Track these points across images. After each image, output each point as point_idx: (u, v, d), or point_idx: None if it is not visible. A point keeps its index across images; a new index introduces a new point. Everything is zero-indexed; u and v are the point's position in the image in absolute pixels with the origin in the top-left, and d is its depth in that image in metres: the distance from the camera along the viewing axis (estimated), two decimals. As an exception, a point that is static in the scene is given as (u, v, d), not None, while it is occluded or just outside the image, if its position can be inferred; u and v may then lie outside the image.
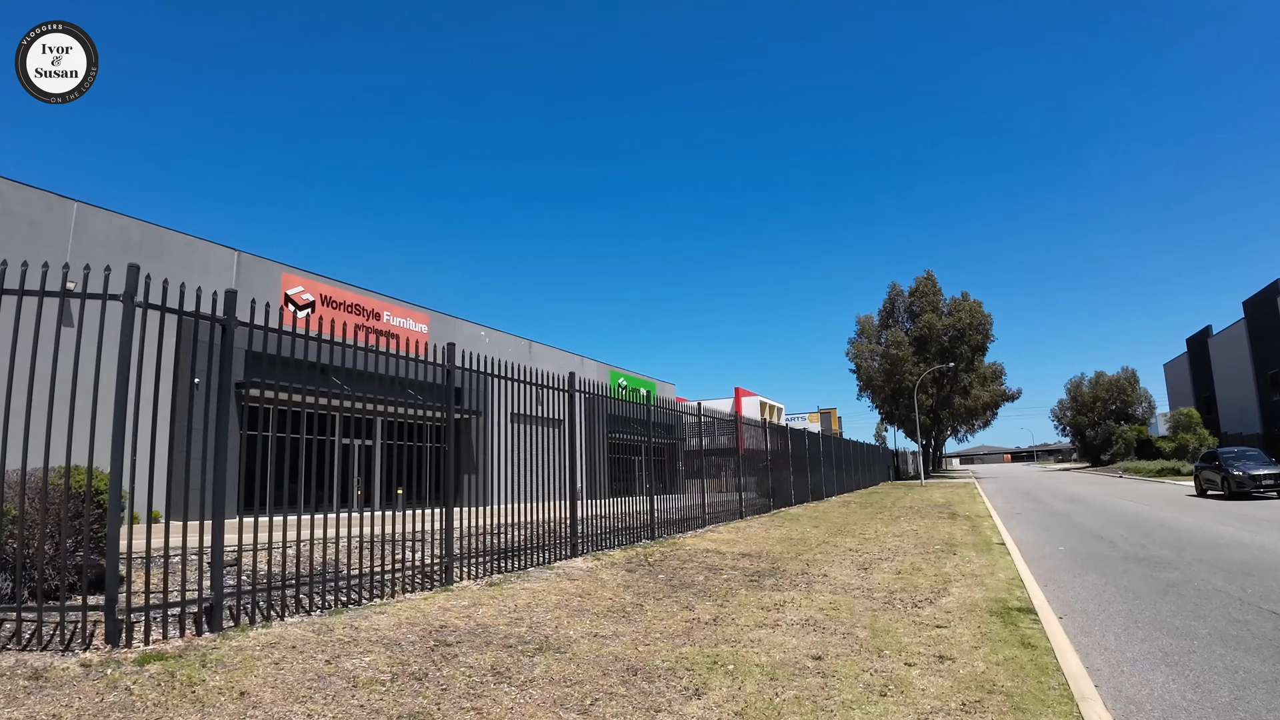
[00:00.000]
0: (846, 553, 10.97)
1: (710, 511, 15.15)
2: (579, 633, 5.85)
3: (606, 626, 6.08)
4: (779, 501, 20.87)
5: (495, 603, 6.75)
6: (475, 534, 8.85)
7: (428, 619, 6.06)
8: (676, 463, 17.39)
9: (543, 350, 38.33)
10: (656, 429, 21.55)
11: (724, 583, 8.18)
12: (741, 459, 21.24)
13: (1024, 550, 11.74)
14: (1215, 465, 23.45)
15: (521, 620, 6.19)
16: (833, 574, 8.93)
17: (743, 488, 17.32)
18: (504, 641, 5.51)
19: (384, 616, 6.07)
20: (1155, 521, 15.69)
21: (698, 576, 8.53)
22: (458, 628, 5.85)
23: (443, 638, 5.54)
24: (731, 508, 16.20)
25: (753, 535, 12.93)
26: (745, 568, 9.32)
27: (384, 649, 5.16)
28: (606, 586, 7.74)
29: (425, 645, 5.32)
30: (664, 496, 14.01)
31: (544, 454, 9.85)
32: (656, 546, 10.84)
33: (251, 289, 24.31)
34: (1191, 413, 49.76)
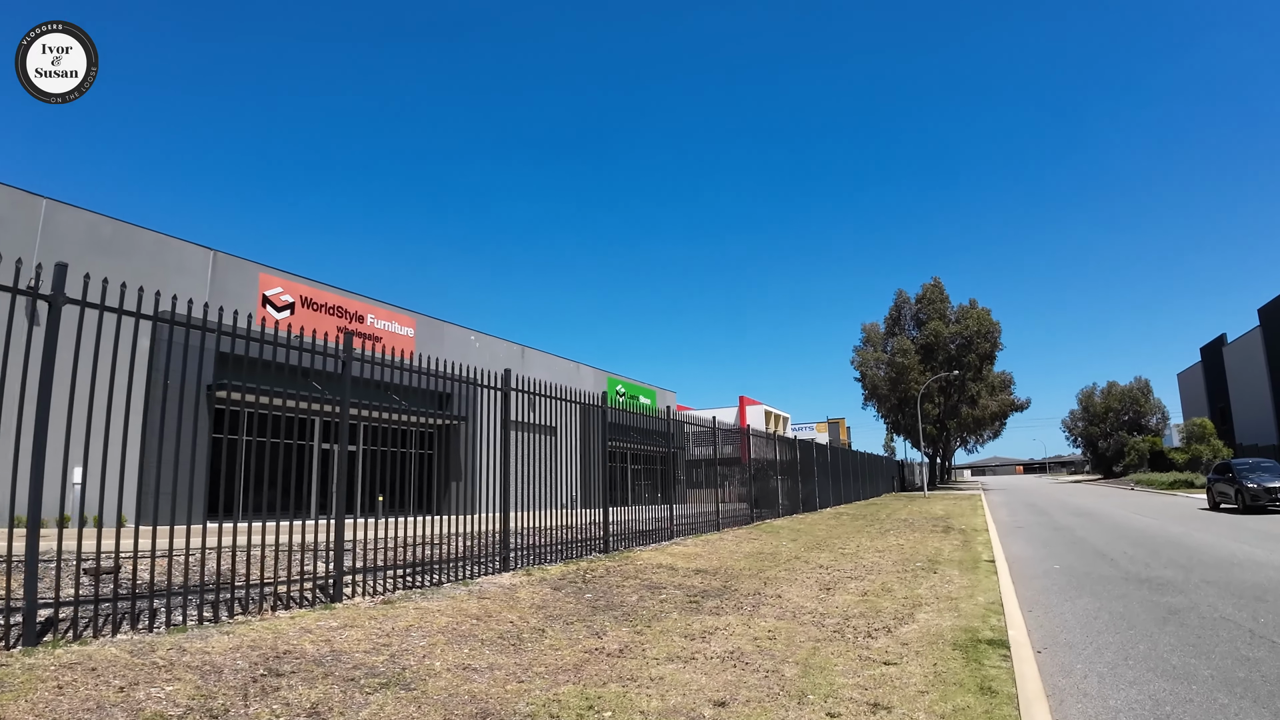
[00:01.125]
0: (815, 570, 9.95)
1: (682, 523, 14.16)
2: (447, 664, 4.91)
3: (486, 657, 5.12)
4: (766, 512, 19.83)
5: (371, 625, 5.82)
6: (397, 546, 7.98)
7: (278, 642, 5.15)
8: (672, 471, 16.45)
9: (537, 356, 37.47)
10: (644, 436, 20.62)
11: (658, 604, 7.21)
12: (721, 468, 20.28)
13: (1015, 569, 10.69)
14: (1229, 477, 22.21)
15: (387, 647, 5.25)
16: (789, 595, 7.93)
17: (722, 498, 16.31)
18: (349, 673, 4.59)
19: (228, 637, 5.17)
20: (1163, 537, 14.56)
21: (631, 596, 7.55)
22: (305, 654, 4.93)
23: (278, 666, 4.63)
24: (707, 519, 15.20)
25: (721, 549, 11.93)
26: (692, 586, 8.33)
27: (198, 677, 4.30)
28: (517, 607, 6.78)
29: (251, 674, 4.43)
30: (624, 507, 13.04)
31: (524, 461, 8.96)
32: (605, 561, 9.87)
33: (227, 290, 23.58)
34: (1205, 423, 48.24)
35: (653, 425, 15.99)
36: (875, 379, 56.77)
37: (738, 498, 18.15)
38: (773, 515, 19.60)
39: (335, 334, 27.82)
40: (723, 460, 20.86)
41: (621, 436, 16.47)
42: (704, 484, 19.63)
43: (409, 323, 30.03)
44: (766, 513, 19.89)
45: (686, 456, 24.60)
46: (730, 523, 16.32)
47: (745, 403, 76.16)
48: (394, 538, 8.09)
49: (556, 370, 38.20)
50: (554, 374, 37.45)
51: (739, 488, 18.82)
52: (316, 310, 26.36)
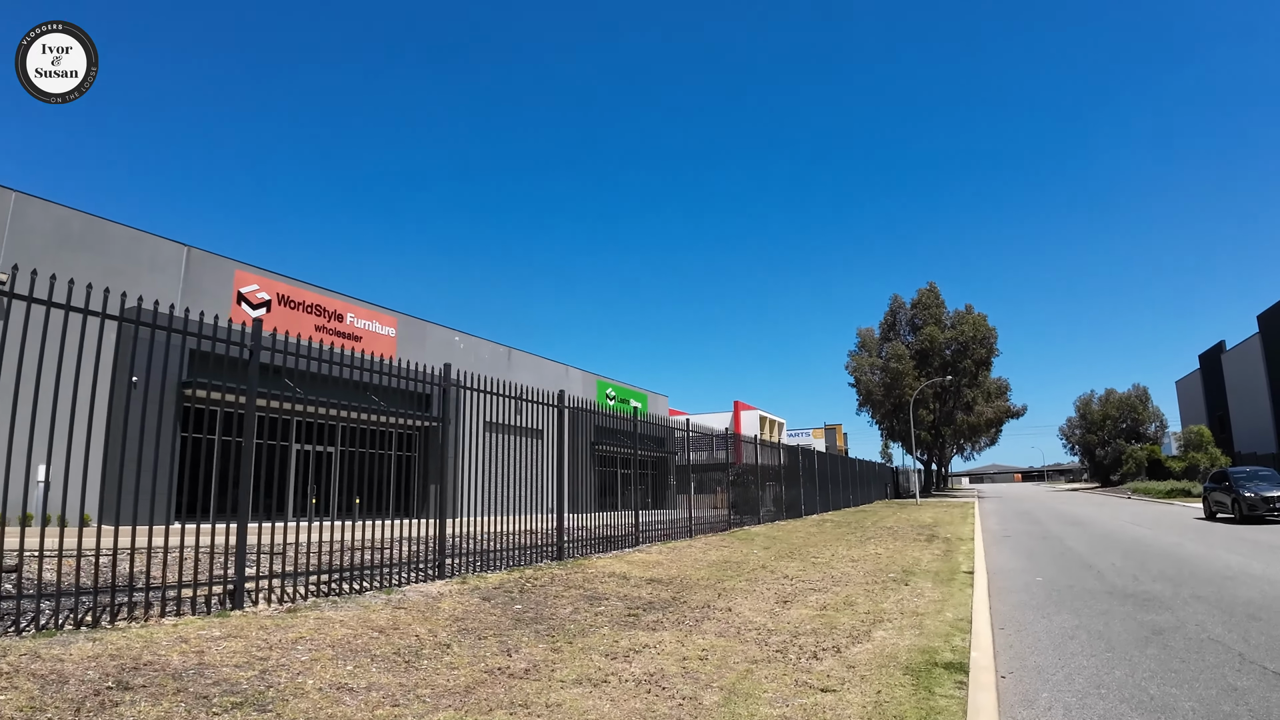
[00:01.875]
0: (779, 580, 9.33)
1: (653, 528, 13.53)
2: (321, 683, 4.31)
3: (368, 676, 4.51)
4: (748, 519, 19.21)
5: (258, 635, 5.22)
6: (327, 550, 7.43)
7: (145, 651, 4.60)
8: (636, 475, 15.84)
9: (524, 358, 36.85)
10: (627, 440, 19.99)
11: (592, 617, 6.59)
12: (704, 473, 19.64)
13: (994, 581, 10.07)
14: (1225, 486, 21.57)
15: (263, 661, 4.66)
16: (740, 608, 7.30)
17: (709, 504, 15.70)
18: (205, 690, 4.05)
19: (93, 644, 4.63)
20: (1155, 548, 13.93)
21: (565, 608, 6.93)
22: (167, 666, 4.37)
23: (130, 679, 4.11)
24: (680, 525, 14.57)
25: (685, 557, 11.30)
26: (638, 597, 7.71)
27: (38, 687, 3.85)
28: (432, 619, 6.16)
29: (97, 686, 3.94)
30: (601, 512, 12.43)
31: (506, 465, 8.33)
32: (554, 569, 9.24)
33: (201, 287, 23.00)
34: (1202, 430, 47.59)
35: (630, 428, 15.39)
36: (869, 384, 56.13)
37: (714, 502, 17.54)
38: (754, 522, 18.98)
39: (313, 333, 27.06)
40: (704, 466, 20.25)
41: (598, 440, 15.87)
42: (691, 489, 19.05)
43: (390, 322, 29.45)
44: (748, 519, 19.27)
45: (679, 461, 24.03)
46: (706, 529, 15.69)
47: (740, 408, 75.52)
48: (330, 541, 7.52)
49: (544, 373, 37.58)
50: (541, 377, 36.86)
51: (713, 493, 18.22)
52: (294, 308, 25.76)
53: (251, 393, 6.69)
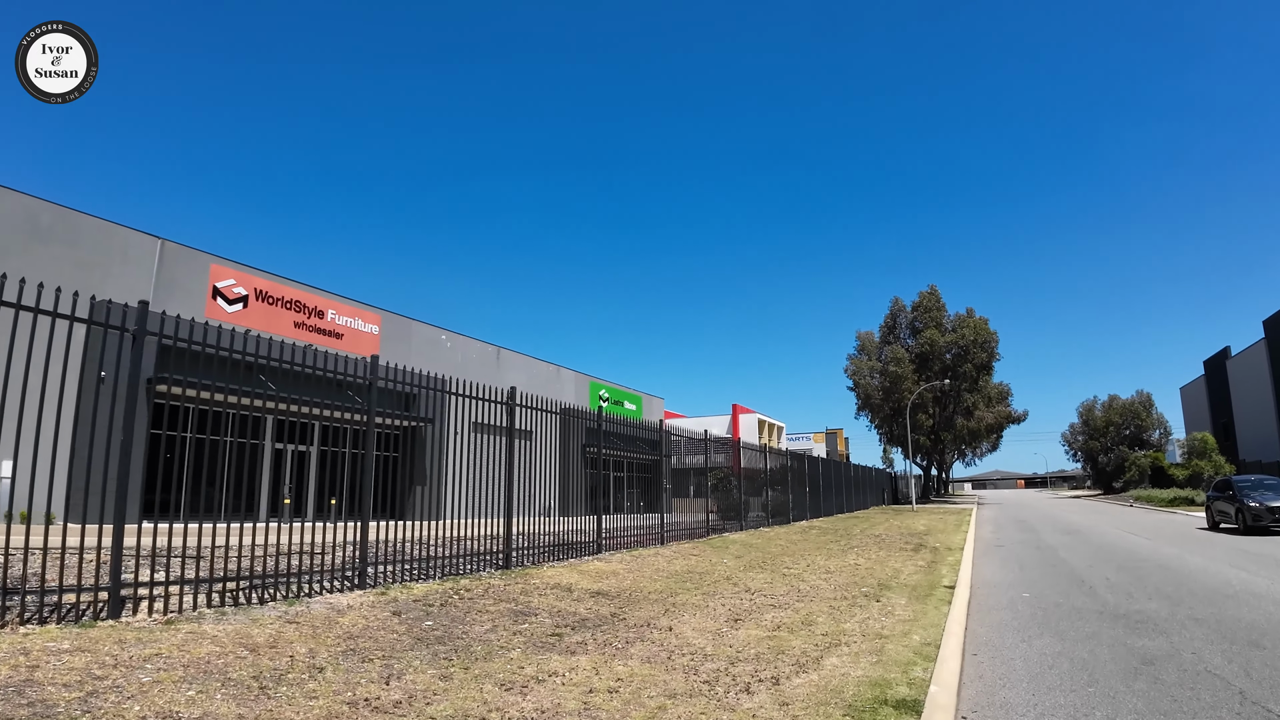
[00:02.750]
0: (739, 595, 8.58)
1: (620, 535, 12.79)
2: (150, 710, 3.69)
3: (209, 704, 3.82)
4: (731, 524, 18.46)
5: (111, 650, 4.58)
6: (251, 555, 6.75)
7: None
8: (603, 478, 15.12)
9: (514, 358, 36.16)
10: (626, 443, 19.26)
11: (509, 637, 5.85)
12: (682, 477, 18.90)
13: (977, 597, 9.31)
14: (1229, 495, 20.74)
15: (100, 680, 4.06)
16: (684, 627, 6.56)
17: (668, 508, 14.95)
18: (13, 710, 3.54)
19: None
20: (1154, 561, 13.14)
21: (483, 626, 6.19)
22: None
23: None
24: (650, 530, 13.83)
25: (646, 567, 10.55)
26: (573, 613, 6.97)
27: None
28: (321, 637, 5.44)
29: None
30: (580, 517, 11.69)
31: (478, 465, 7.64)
32: (493, 579, 8.50)
33: (174, 281, 22.38)
34: (1206, 437, 46.65)
35: (629, 431, 14.68)
36: (868, 388, 55.28)
37: (691, 508, 16.79)
38: (736, 528, 18.21)
39: (292, 330, 26.26)
40: (691, 470, 19.48)
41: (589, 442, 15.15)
42: (667, 493, 18.30)
43: (374, 320, 28.80)
44: (730, 525, 18.51)
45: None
46: (681, 535, 14.93)
47: (738, 411, 74.67)
48: (254, 545, 6.85)
49: (535, 374, 36.86)
50: (532, 377, 36.16)
51: (690, 498, 17.48)
52: (272, 304, 25.11)
53: (138, 384, 5.99)
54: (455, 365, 30.97)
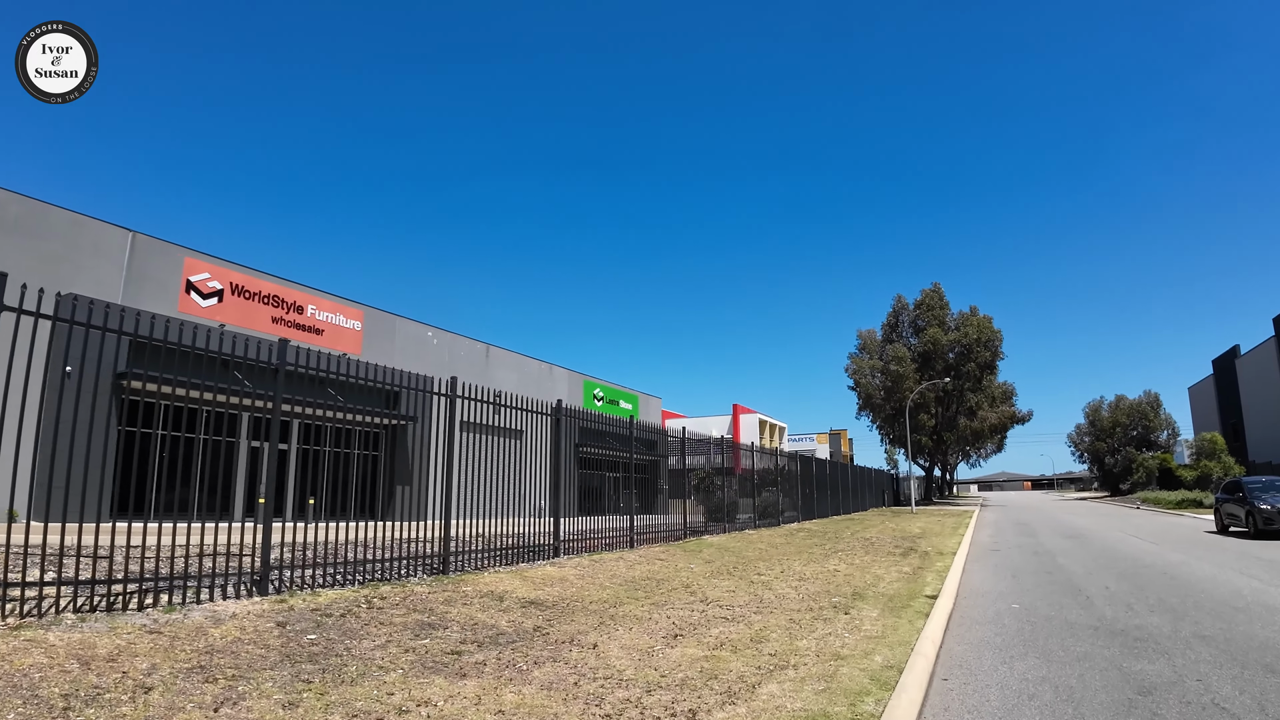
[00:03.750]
0: (693, 605, 7.75)
1: (581, 538, 11.97)
2: None
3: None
4: (714, 526, 17.64)
5: None
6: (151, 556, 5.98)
7: None
8: (561, 478, 14.28)
9: (504, 356, 35.34)
10: (595, 439, 18.44)
11: (398, 655, 5.04)
12: (668, 477, 18.09)
13: (960, 609, 8.46)
14: (1239, 497, 19.77)
15: None
16: (611, 645, 5.74)
17: (635, 509, 14.13)
18: None
19: None
20: (1158, 568, 12.25)
21: (375, 641, 5.38)
22: None
23: None
24: (620, 532, 13.01)
25: (602, 573, 9.72)
26: (491, 627, 6.15)
27: None
28: (177, 650, 4.66)
29: None
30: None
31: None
32: (420, 586, 7.68)
33: (146, 274, 21.69)
34: (1215, 438, 45.51)
35: (600, 426, 13.88)
36: (870, 388, 54.27)
37: (693, 510, 15.97)
38: (720, 530, 17.37)
39: (270, 325, 25.51)
40: (678, 470, 18.66)
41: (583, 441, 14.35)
42: (678, 494, 17.48)
43: (355, 315, 28.04)
44: (714, 527, 17.68)
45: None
46: (655, 538, 14.10)
47: (739, 411, 73.83)
48: (176, 546, 6.14)
49: (526, 372, 36.06)
50: (523, 376, 35.37)
51: (685, 499, 16.65)
52: (249, 299, 24.37)
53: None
54: (441, 363, 30.20)
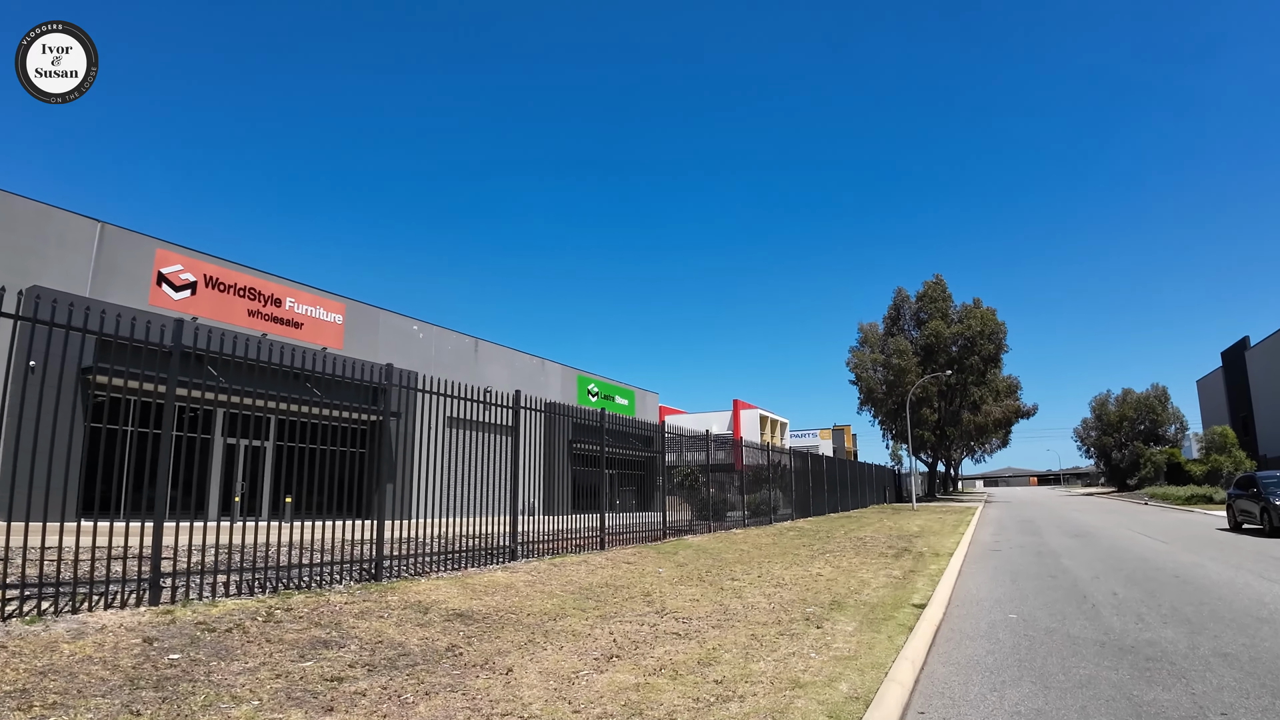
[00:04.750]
0: (645, 618, 6.89)
1: (549, 539, 11.13)
2: None
3: None
4: (699, 525, 16.79)
5: None
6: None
7: None
8: (517, 475, 13.40)
9: (493, 350, 34.48)
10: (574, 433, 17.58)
11: (268, 680, 4.21)
12: (638, 474, 17.25)
13: (951, 620, 7.59)
14: (1253, 493, 18.83)
15: None
16: (529, 669, 4.88)
17: (617, 506, 13.28)
18: None
19: None
20: (1170, 570, 11.35)
21: (250, 662, 4.54)
22: None
23: None
24: (591, 533, 12.16)
25: (555, 579, 8.85)
26: (399, 644, 5.30)
27: None
28: (7, 672, 3.83)
29: None
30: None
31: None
32: (339, 595, 6.81)
33: (116, 266, 20.93)
34: (1226, 431, 44.39)
35: (588, 422, 13.01)
36: (871, 382, 53.31)
37: (664, 508, 15.12)
38: (705, 529, 16.51)
39: (245, 319, 24.59)
40: (671, 466, 17.79)
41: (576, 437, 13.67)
42: (673, 493, 16.64)
43: (337, 308, 27.23)
44: (699, 526, 16.83)
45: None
46: (632, 538, 13.25)
47: (739, 406, 72.80)
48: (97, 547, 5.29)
49: (518, 367, 35.23)
50: (514, 371, 34.52)
51: (663, 497, 15.79)
52: (223, 291, 23.58)
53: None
54: (428, 358, 29.41)
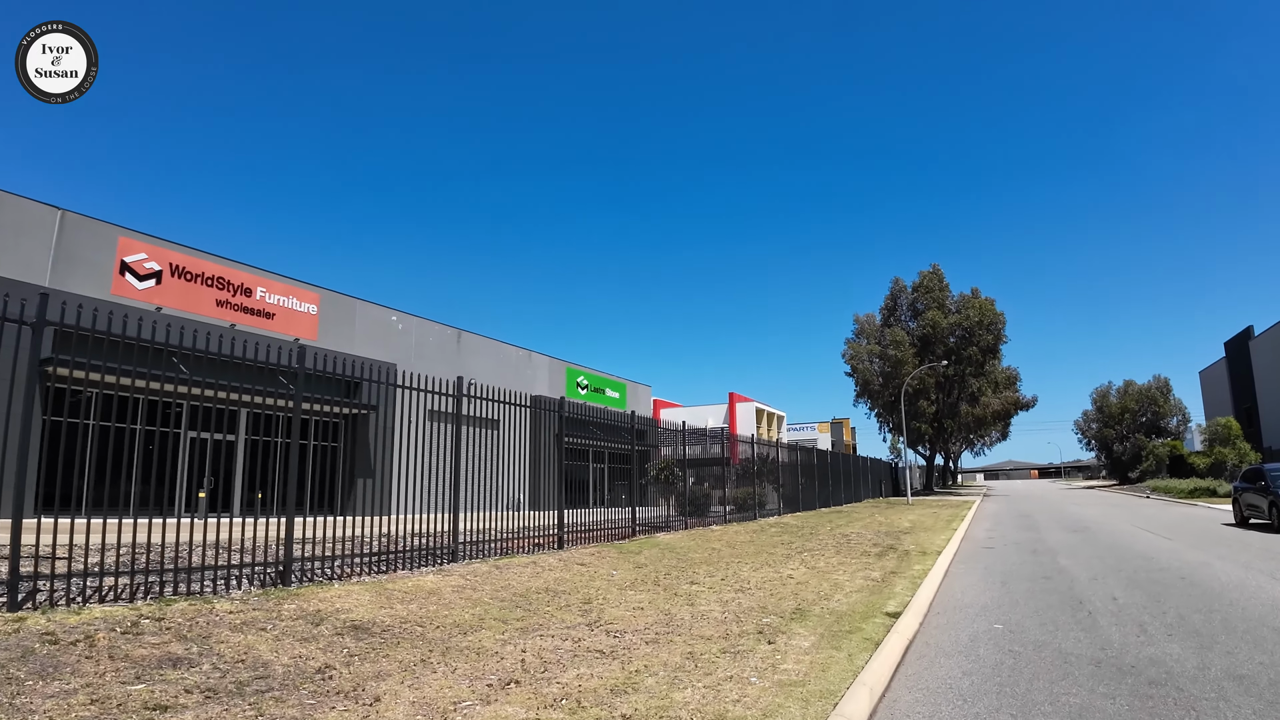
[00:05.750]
0: (572, 630, 5.99)
1: (500, 539, 10.25)
2: None
3: None
4: (675, 521, 15.91)
5: None
6: None
7: None
8: (456, 470, 12.48)
9: (478, 342, 33.49)
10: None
11: (75, 707, 3.48)
12: (625, 467, 16.38)
13: (927, 631, 6.70)
14: (1261, 486, 17.94)
15: None
16: (398, 699, 3.99)
17: (601, 501, 12.40)
18: None
19: None
20: (1175, 570, 10.45)
21: (68, 684, 3.70)
22: None
23: None
24: (549, 532, 11.27)
25: (489, 583, 7.94)
26: (266, 663, 4.42)
27: None
28: None
29: None
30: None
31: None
32: (232, 602, 5.86)
33: (76, 255, 20.05)
34: (1230, 422, 43.42)
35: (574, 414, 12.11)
36: (867, 373, 52.34)
37: (633, 503, 14.22)
38: (681, 525, 15.64)
39: (213, 309, 23.65)
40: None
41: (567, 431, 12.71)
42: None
43: (311, 299, 26.28)
44: (677, 522, 15.96)
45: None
46: (597, 536, 12.36)
47: (735, 399, 71.98)
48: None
49: (503, 358, 34.34)
50: (500, 363, 33.59)
51: (634, 492, 14.90)
52: (190, 280, 22.66)
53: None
54: (407, 349, 28.55)
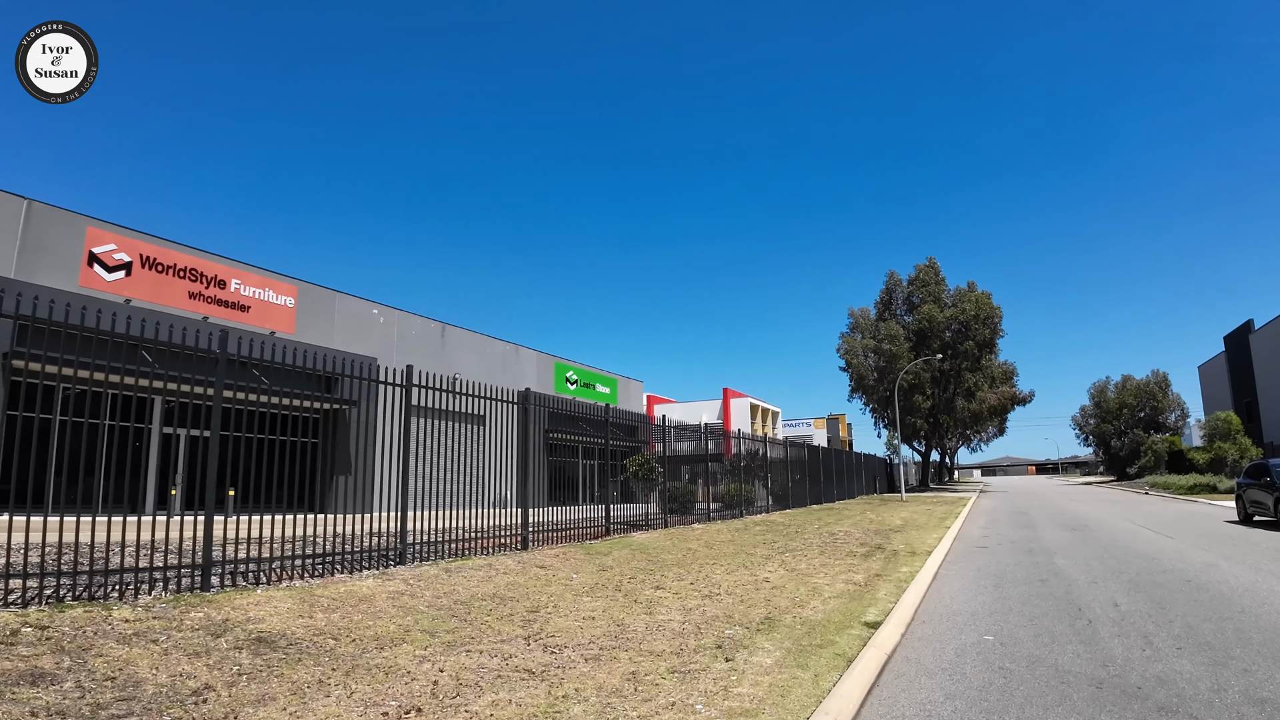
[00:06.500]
0: (505, 645, 5.29)
1: (462, 539, 9.54)
2: None
3: None
4: (654, 519, 15.22)
5: None
6: None
7: None
8: (405, 467, 11.77)
9: (462, 336, 32.70)
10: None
11: None
12: (596, 463, 15.69)
13: (909, 645, 5.99)
14: (1266, 482, 17.27)
15: None
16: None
17: (591, 498, 11.70)
18: None
19: None
20: (1180, 573, 9.76)
21: None
22: None
23: None
24: (514, 531, 10.57)
25: (435, 587, 7.23)
26: (138, 682, 3.74)
27: None
28: None
29: None
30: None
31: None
32: (128, 609, 5.14)
33: (44, 245, 19.32)
34: (1230, 417, 42.75)
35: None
36: (862, 368, 51.67)
37: (608, 501, 13.52)
38: (660, 524, 14.95)
39: (186, 301, 22.90)
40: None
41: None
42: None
43: (288, 291, 25.50)
44: (656, 520, 15.28)
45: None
46: (566, 536, 11.66)
47: (729, 395, 71.35)
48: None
49: (489, 353, 33.60)
50: (485, 357, 32.83)
51: (611, 488, 14.20)
52: (162, 272, 21.89)
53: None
54: (389, 343, 27.81)
